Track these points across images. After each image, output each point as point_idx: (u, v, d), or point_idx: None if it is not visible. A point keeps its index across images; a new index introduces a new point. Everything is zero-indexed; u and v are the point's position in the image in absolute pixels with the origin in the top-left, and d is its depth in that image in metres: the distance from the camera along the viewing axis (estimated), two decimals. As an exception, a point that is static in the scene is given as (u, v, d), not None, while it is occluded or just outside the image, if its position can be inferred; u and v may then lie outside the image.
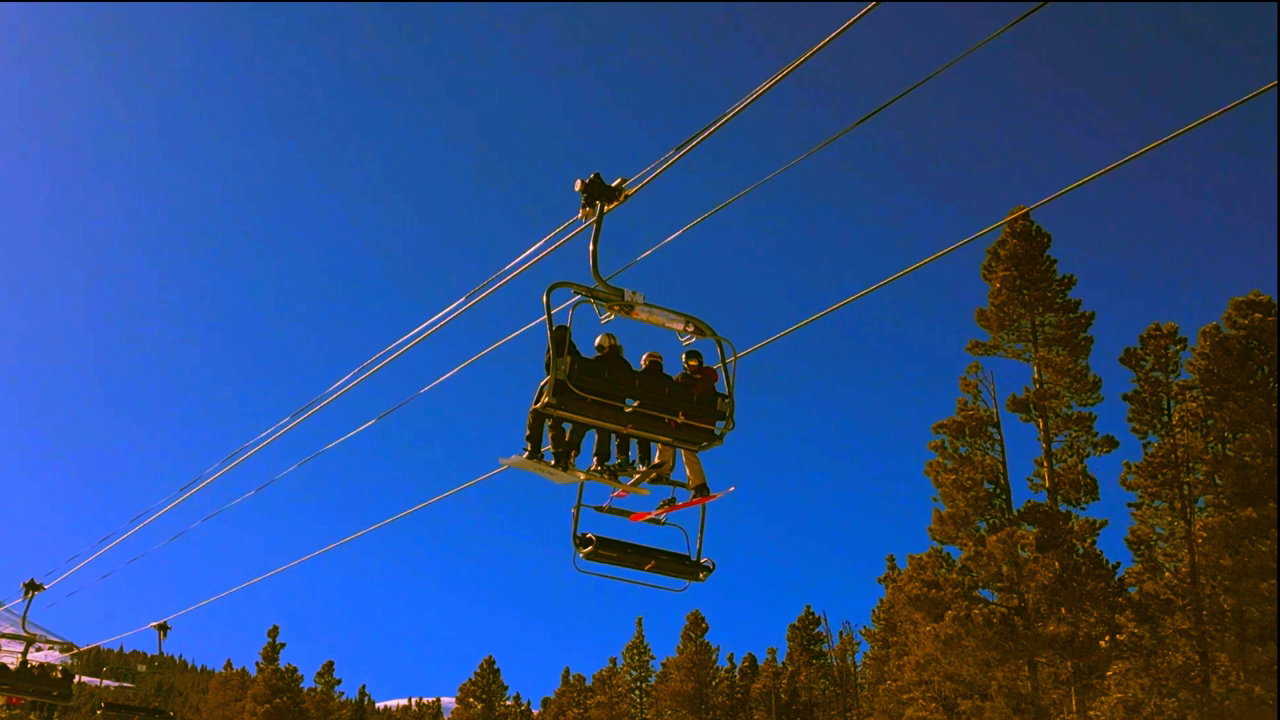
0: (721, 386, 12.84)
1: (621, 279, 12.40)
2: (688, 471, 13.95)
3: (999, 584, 43.99)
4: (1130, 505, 43.67)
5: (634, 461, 13.72)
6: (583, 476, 13.55)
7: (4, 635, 43.43)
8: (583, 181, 11.68)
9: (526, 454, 13.12)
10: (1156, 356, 43.93)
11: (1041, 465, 45.21)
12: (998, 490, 45.62)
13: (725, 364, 12.58)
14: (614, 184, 11.65)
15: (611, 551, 13.35)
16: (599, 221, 11.71)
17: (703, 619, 79.96)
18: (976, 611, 42.84)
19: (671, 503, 14.21)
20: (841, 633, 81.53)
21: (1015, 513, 44.69)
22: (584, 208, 11.75)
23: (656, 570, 13.69)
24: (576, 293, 11.82)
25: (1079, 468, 44.63)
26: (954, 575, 45.05)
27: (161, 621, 32.94)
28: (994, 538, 43.11)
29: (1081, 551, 43.33)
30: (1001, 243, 47.29)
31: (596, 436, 13.49)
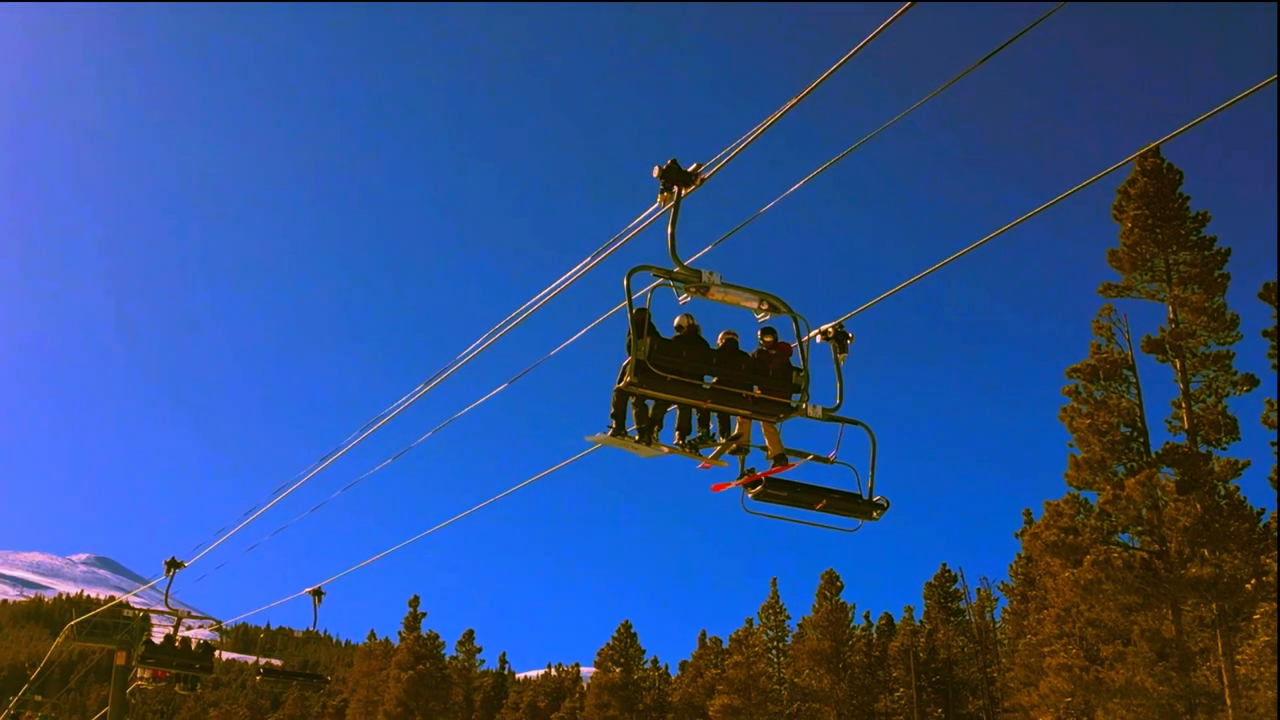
0: (797, 360, 13.24)
1: (700, 260, 12.79)
2: (767, 442, 14.42)
3: (1139, 528, 43.40)
4: (1273, 444, 42.80)
5: (714, 434, 14.25)
6: (666, 450, 14.18)
7: (153, 611, 44.78)
8: (661, 168, 12.11)
9: (611, 431, 13.82)
10: (1297, 290, 42.80)
11: (1179, 406, 44.43)
12: (1135, 433, 44.93)
13: (801, 340, 12.93)
14: (690, 169, 12.07)
15: (781, 490, 13.30)
16: (677, 206, 12.14)
17: (837, 577, 79.99)
18: (1116, 555, 42.29)
19: (751, 473, 14.63)
20: (979, 589, 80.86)
21: (1154, 455, 44.01)
22: (662, 193, 12.17)
23: (828, 509, 13.60)
24: (656, 276, 12.23)
25: (1219, 407, 43.80)
26: (1092, 520, 44.41)
27: (316, 587, 33.66)
28: (1132, 481, 42.52)
29: (1223, 493, 42.45)
30: (1131, 181, 46.46)
31: (678, 412, 14.16)
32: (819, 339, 13.54)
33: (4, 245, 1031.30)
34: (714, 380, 12.98)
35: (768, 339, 13.57)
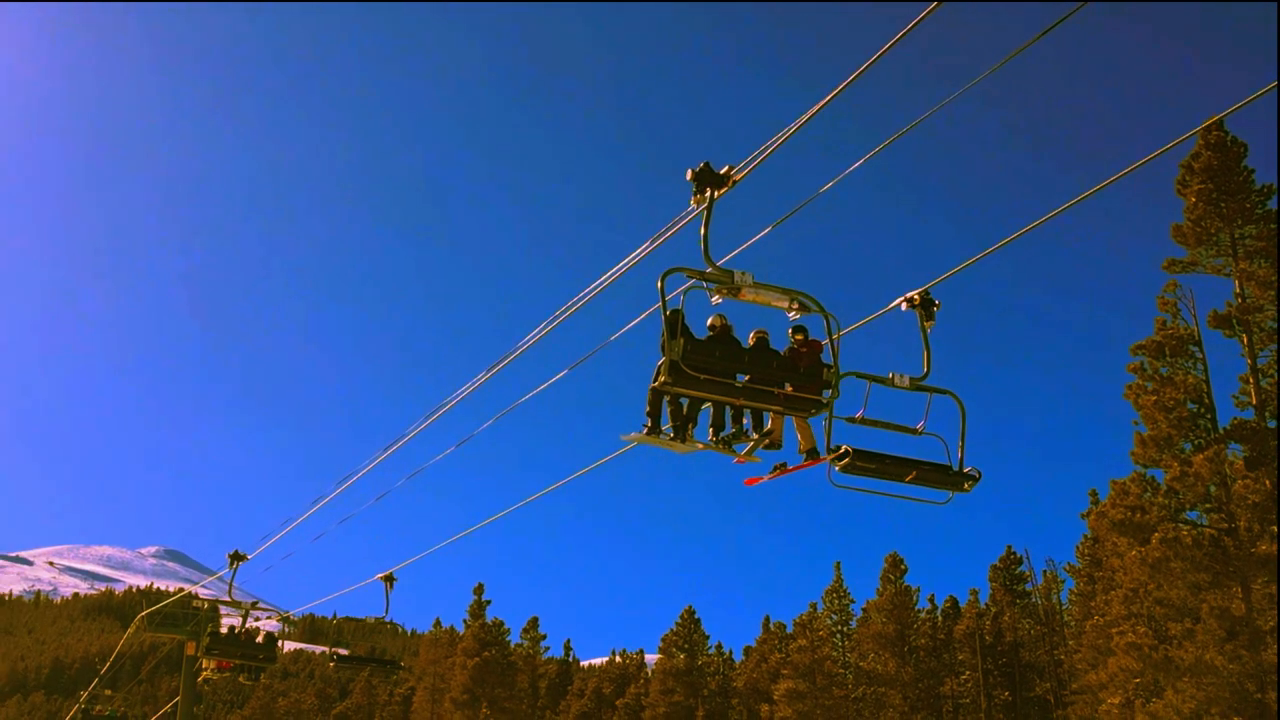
0: (827, 357, 13.32)
1: (743, 254, 13.14)
2: (798, 436, 14.82)
3: (1207, 505, 42.99)
4: (1343, 419, 42.19)
5: (747, 430, 14.79)
6: (700, 447, 14.62)
7: (221, 603, 45.45)
8: (693, 171, 12.28)
9: (646, 429, 14.37)
10: (1366, 261, 42.19)
11: (1247, 382, 44.03)
12: (1202, 410, 44.47)
13: (832, 337, 13.01)
14: (722, 171, 12.24)
15: (870, 463, 13.00)
16: (709, 208, 12.30)
17: (901, 561, 79.72)
18: (1185, 533, 41.90)
19: (783, 467, 15.25)
20: (1045, 571, 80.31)
21: (1221, 431, 43.56)
22: (695, 195, 12.32)
23: (918, 481, 13.33)
24: (689, 277, 12.39)
25: (1287, 382, 43.16)
26: (1160, 498, 44.00)
27: (388, 572, 33.83)
28: (1200, 458, 42.12)
29: (1294, 468, 41.92)
30: (1195, 155, 45.92)
31: (712, 409, 14.65)
32: (904, 306, 13.53)
33: (85, 247, 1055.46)
34: (746, 378, 13.25)
35: (799, 337, 13.88)
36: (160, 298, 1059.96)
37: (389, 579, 33.75)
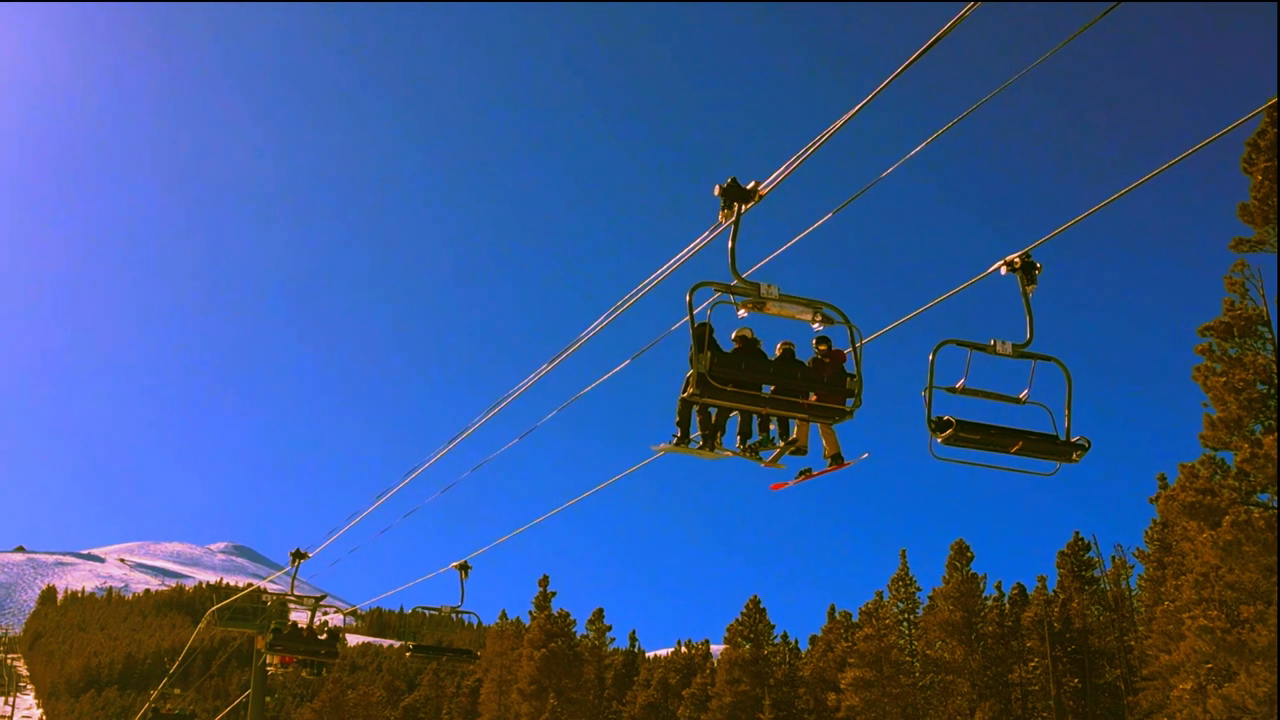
0: (850, 366, 13.46)
1: (762, 271, 13.26)
2: (824, 443, 15.65)
3: (1278, 487, 42.36)
4: None
5: (774, 437, 15.44)
6: (728, 454, 15.28)
7: (288, 598, 45.93)
8: (721, 186, 12.44)
9: (676, 440, 15.10)
10: None
11: (1317, 361, 43.25)
12: (1272, 391, 43.95)
13: (855, 345, 13.10)
14: (749, 186, 12.40)
15: (974, 434, 12.67)
16: (737, 222, 12.46)
17: (967, 548, 79.20)
18: (1257, 516, 41.44)
19: (808, 472, 15.91)
20: (1114, 556, 79.44)
21: (1292, 412, 42.94)
22: (723, 210, 12.48)
23: (1024, 453, 12.96)
24: (716, 290, 12.54)
25: (1358, 361, 42.58)
26: (1230, 481, 43.55)
27: (462, 561, 33.98)
28: (1270, 439, 41.64)
29: (1366, 448, 41.34)
30: (1261, 133, 45.25)
31: (739, 418, 15.35)
32: (1004, 270, 13.02)
33: (155, 251, 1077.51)
34: (772, 389, 13.50)
35: (822, 347, 14.38)
36: (230, 303, 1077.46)
37: (464, 568, 33.84)
